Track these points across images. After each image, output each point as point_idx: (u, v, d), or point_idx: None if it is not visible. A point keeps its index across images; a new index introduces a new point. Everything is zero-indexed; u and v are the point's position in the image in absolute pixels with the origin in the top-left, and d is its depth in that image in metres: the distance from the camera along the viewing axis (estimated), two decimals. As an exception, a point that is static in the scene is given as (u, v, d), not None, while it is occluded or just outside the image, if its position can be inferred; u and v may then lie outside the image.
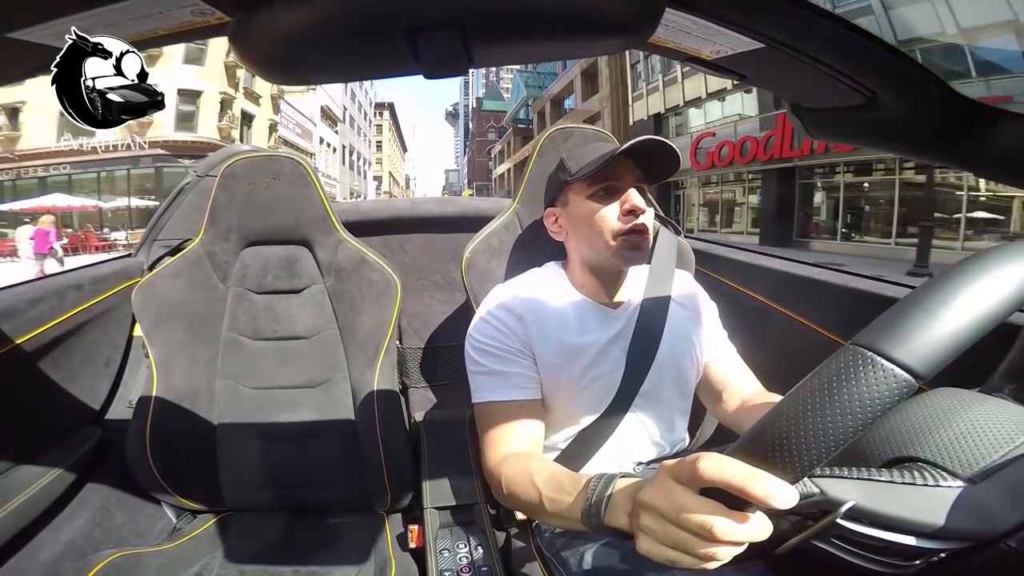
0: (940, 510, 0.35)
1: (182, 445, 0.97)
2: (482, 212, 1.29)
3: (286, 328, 1.03)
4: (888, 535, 0.36)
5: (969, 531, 0.35)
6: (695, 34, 0.47)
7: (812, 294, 0.98)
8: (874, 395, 0.31)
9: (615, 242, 0.75)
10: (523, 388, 0.77)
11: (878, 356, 0.32)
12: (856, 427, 0.31)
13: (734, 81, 0.63)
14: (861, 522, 0.36)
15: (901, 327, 0.32)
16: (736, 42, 0.48)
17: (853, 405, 0.31)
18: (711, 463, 0.35)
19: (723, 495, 0.35)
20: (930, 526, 0.35)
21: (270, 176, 1.00)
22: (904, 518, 0.35)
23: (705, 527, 0.35)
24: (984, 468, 0.37)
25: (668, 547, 0.39)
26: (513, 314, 0.79)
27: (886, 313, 0.34)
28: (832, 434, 0.32)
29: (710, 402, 0.87)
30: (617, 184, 0.76)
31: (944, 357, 0.31)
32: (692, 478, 0.37)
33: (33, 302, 0.91)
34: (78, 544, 0.93)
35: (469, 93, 78.99)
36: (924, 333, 0.32)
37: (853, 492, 0.36)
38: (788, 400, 0.34)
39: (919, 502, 0.36)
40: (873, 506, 0.36)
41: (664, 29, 0.45)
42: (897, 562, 0.36)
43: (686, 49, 0.51)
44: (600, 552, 0.69)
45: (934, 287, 0.34)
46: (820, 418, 0.32)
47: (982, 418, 0.40)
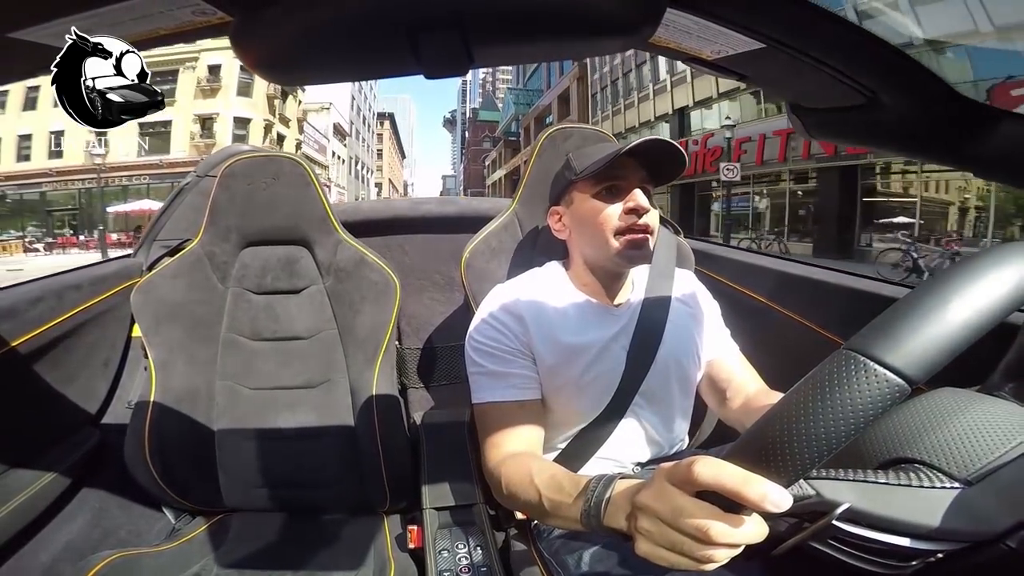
0: (936, 512, 0.35)
1: (181, 446, 0.97)
2: (482, 212, 1.29)
3: (285, 328, 1.03)
4: (884, 537, 0.36)
5: (965, 532, 0.35)
6: (696, 34, 0.47)
7: (812, 294, 0.99)
8: (866, 400, 0.31)
9: (617, 241, 0.76)
10: (523, 388, 0.77)
11: (870, 361, 0.32)
12: (849, 431, 0.31)
13: (734, 81, 0.64)
14: (858, 524, 0.36)
15: (893, 331, 0.32)
16: (736, 42, 0.48)
17: (846, 410, 0.31)
18: (706, 467, 0.36)
19: (719, 498, 0.36)
20: (926, 528, 0.35)
21: (270, 176, 1.00)
22: (900, 520, 0.36)
23: (701, 530, 0.36)
24: (980, 469, 0.37)
25: (666, 549, 0.39)
26: (513, 315, 0.79)
27: (879, 317, 0.34)
28: (825, 438, 0.32)
29: (713, 401, 0.87)
30: (621, 184, 0.76)
31: (937, 361, 0.31)
32: (687, 481, 0.37)
33: (33, 302, 0.91)
34: (77, 545, 0.93)
35: (466, 101, 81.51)
36: (916, 337, 0.32)
37: (849, 494, 0.36)
38: (782, 404, 0.35)
39: (915, 504, 0.36)
40: (869, 508, 0.36)
41: (665, 29, 0.45)
42: (893, 563, 0.37)
43: (687, 49, 0.50)
44: (599, 554, 0.69)
45: (927, 291, 0.34)
46: (813, 422, 0.32)
47: (980, 419, 0.40)
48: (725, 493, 0.35)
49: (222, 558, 0.90)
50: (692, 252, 1.05)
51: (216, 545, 0.93)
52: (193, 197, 1.28)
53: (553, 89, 28.42)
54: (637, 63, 19.14)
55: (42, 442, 0.95)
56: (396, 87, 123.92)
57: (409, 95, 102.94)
